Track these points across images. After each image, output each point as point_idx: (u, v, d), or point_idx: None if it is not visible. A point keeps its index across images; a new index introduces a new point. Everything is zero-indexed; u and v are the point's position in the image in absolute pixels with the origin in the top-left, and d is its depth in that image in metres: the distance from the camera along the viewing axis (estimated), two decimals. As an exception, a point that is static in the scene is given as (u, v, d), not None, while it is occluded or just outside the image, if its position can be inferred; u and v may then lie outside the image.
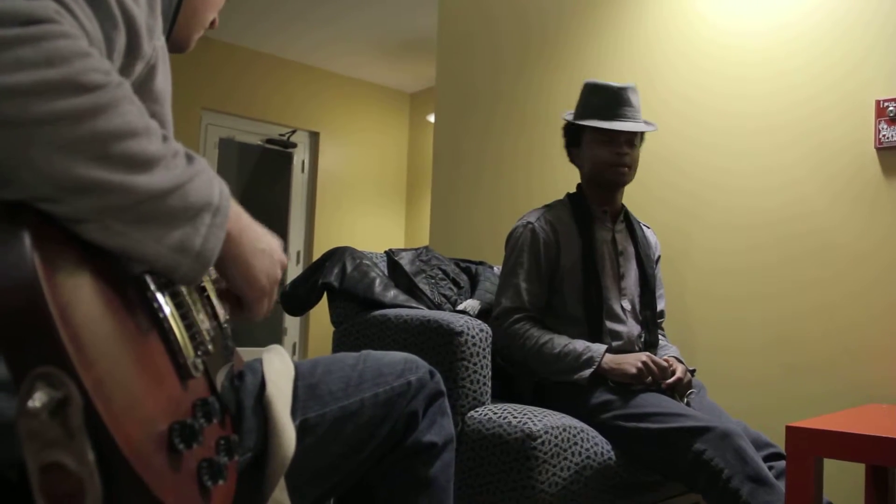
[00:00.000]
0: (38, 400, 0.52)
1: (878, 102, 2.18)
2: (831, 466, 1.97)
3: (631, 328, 1.95)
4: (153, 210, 0.65)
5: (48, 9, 0.60)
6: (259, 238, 0.84)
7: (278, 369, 0.97)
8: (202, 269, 0.70)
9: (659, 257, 2.16)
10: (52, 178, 0.59)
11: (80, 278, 0.60)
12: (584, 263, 1.93)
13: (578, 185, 2.07)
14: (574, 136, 2.04)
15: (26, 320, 0.54)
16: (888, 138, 2.15)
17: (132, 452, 0.56)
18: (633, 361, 1.77)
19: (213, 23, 1.04)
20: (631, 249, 2.04)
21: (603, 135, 1.95)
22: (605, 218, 2.02)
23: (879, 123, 2.17)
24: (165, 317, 0.70)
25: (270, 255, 0.85)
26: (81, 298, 0.59)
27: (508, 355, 1.93)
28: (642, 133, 2.02)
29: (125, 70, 0.72)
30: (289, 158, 5.90)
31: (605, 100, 1.95)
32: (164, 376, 0.67)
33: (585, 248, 1.94)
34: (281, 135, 5.81)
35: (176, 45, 0.97)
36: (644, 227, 2.16)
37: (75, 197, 0.60)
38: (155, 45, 0.76)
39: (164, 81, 0.80)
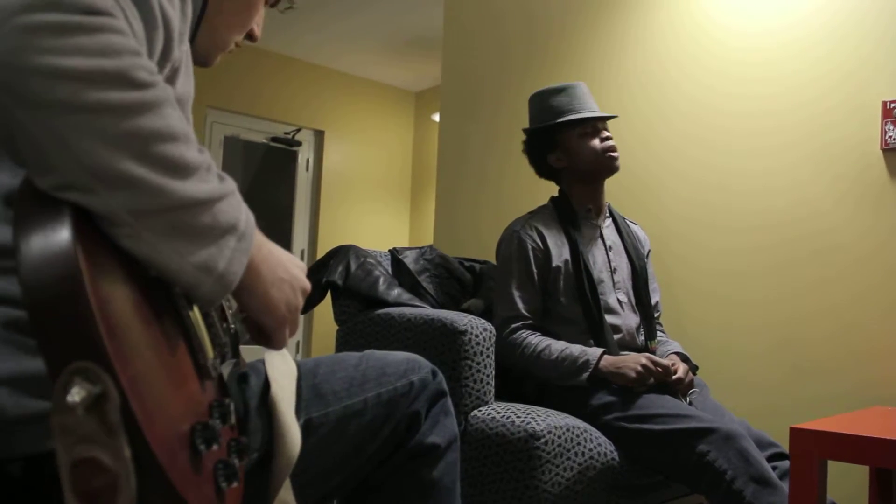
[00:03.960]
0: (76, 395, 0.52)
1: (884, 103, 2.17)
2: (835, 468, 1.96)
3: (629, 320, 1.95)
4: (182, 223, 0.64)
5: (107, 2, 0.61)
6: (280, 266, 0.82)
7: (281, 369, 0.97)
8: (223, 292, 0.69)
9: (649, 251, 2.18)
10: (90, 168, 0.59)
11: (116, 275, 0.61)
12: (574, 262, 1.93)
13: (560, 190, 2.09)
14: (548, 142, 2.05)
15: (67, 312, 0.54)
16: (895, 139, 2.14)
17: (162, 451, 0.56)
18: (632, 365, 1.76)
19: (252, 36, 1.01)
20: (620, 244, 2.05)
21: (587, 126, 2.00)
22: (590, 216, 2.04)
23: (886, 124, 2.16)
24: (188, 316, 0.70)
25: (291, 283, 0.83)
26: (118, 294, 0.59)
27: (512, 364, 1.93)
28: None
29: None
30: (293, 157, 5.90)
31: (569, 96, 2.01)
32: (187, 376, 0.67)
33: (574, 247, 1.94)
34: (286, 133, 5.81)
35: (196, 59, 0.97)
36: (631, 223, 2.18)
37: (110, 190, 0.60)
38: (182, 49, 0.76)
39: (185, 85, 0.80)
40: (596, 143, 1.99)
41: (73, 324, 0.54)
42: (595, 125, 2.01)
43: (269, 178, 5.86)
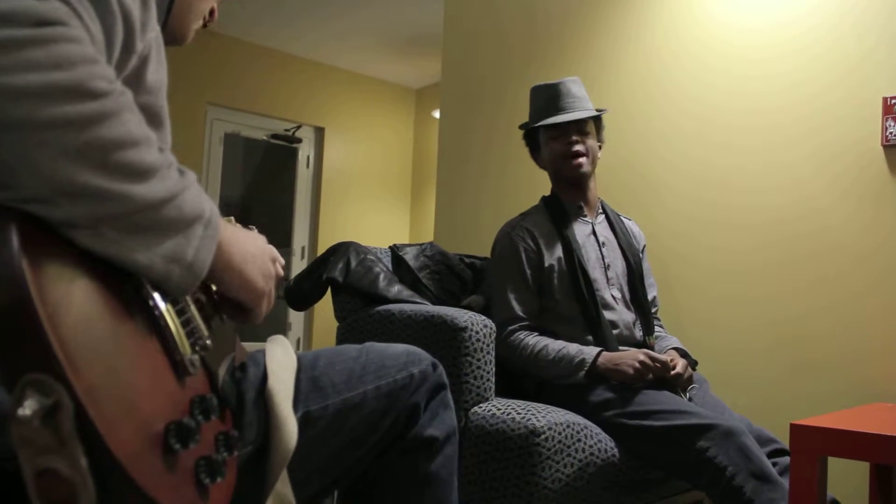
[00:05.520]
0: (28, 407, 0.52)
1: (885, 100, 2.17)
2: (836, 464, 1.96)
3: (624, 316, 1.95)
4: (148, 220, 0.65)
5: (59, 11, 0.60)
6: (247, 242, 0.84)
7: (281, 361, 0.97)
8: (194, 280, 0.70)
9: (644, 246, 2.17)
10: (53, 183, 0.58)
11: (73, 280, 0.60)
12: (568, 260, 1.93)
13: (552, 188, 2.10)
14: (534, 142, 2.09)
15: (14, 325, 0.53)
16: (895, 136, 2.14)
17: (126, 456, 0.55)
18: (630, 362, 1.76)
19: (212, 13, 1.02)
20: (613, 240, 2.05)
21: (551, 130, 2.00)
22: (581, 213, 2.04)
23: (887, 121, 2.16)
24: (161, 314, 0.69)
25: (261, 255, 0.85)
26: (73, 301, 0.58)
27: (511, 366, 1.93)
28: (596, 120, 2.05)
29: (120, 66, 0.72)
30: (294, 154, 5.90)
31: (546, 98, 2.02)
32: (161, 375, 0.67)
33: (567, 246, 1.94)
34: (286, 130, 5.81)
35: (173, 37, 0.97)
36: (625, 219, 2.18)
37: (72, 202, 0.60)
38: (148, 37, 0.76)
39: (157, 72, 0.79)
40: (558, 146, 1.99)
41: (21, 336, 0.53)
42: (565, 128, 1.98)
43: (270, 175, 5.86)
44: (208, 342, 0.79)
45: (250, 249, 0.83)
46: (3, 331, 0.53)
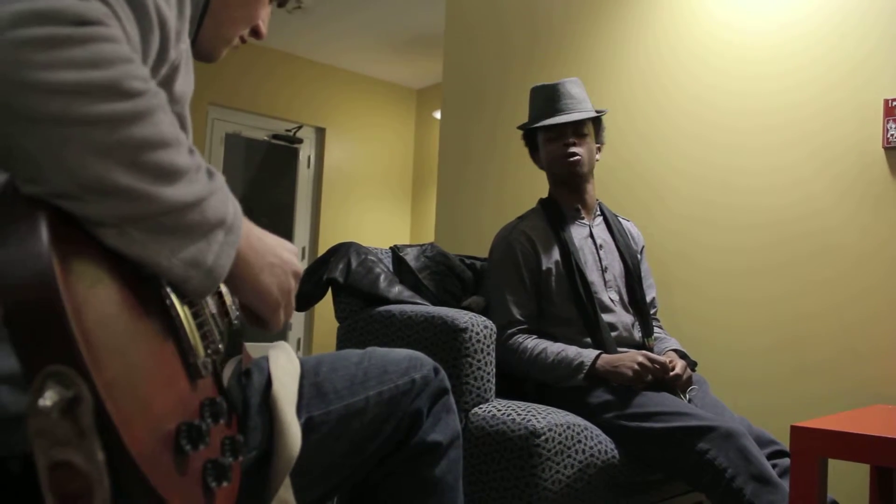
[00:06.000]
0: (48, 398, 0.52)
1: (886, 102, 2.16)
2: (836, 466, 1.96)
3: (623, 318, 1.95)
4: (172, 222, 0.65)
5: (99, 11, 0.61)
6: (269, 251, 0.83)
7: (284, 367, 0.97)
8: (212, 285, 0.71)
9: (643, 248, 2.17)
10: (80, 179, 0.59)
11: (96, 277, 0.61)
12: (565, 263, 1.93)
13: (549, 191, 2.10)
14: (532, 142, 2.09)
15: (41, 317, 0.54)
16: (896, 138, 2.14)
17: (140, 453, 0.56)
18: (629, 364, 1.76)
19: (256, 31, 1.01)
20: (611, 242, 2.05)
21: (549, 131, 2.00)
22: (578, 215, 2.04)
23: (888, 123, 2.16)
24: (178, 315, 0.70)
25: (282, 266, 0.85)
26: (96, 297, 0.59)
27: (511, 369, 1.93)
28: (596, 121, 2.04)
29: (152, 73, 0.73)
30: (295, 154, 5.90)
31: (545, 98, 2.01)
32: (175, 376, 0.67)
33: (564, 249, 1.94)
34: (287, 130, 5.81)
35: (201, 52, 0.97)
36: (623, 220, 2.17)
37: (99, 199, 0.60)
38: (180, 48, 0.77)
39: (185, 83, 0.81)
40: (555, 148, 1.99)
41: (46, 328, 0.54)
42: (562, 129, 1.98)
43: (271, 176, 5.86)
44: (221, 346, 0.79)
45: (270, 259, 0.83)
46: (30, 323, 0.54)
